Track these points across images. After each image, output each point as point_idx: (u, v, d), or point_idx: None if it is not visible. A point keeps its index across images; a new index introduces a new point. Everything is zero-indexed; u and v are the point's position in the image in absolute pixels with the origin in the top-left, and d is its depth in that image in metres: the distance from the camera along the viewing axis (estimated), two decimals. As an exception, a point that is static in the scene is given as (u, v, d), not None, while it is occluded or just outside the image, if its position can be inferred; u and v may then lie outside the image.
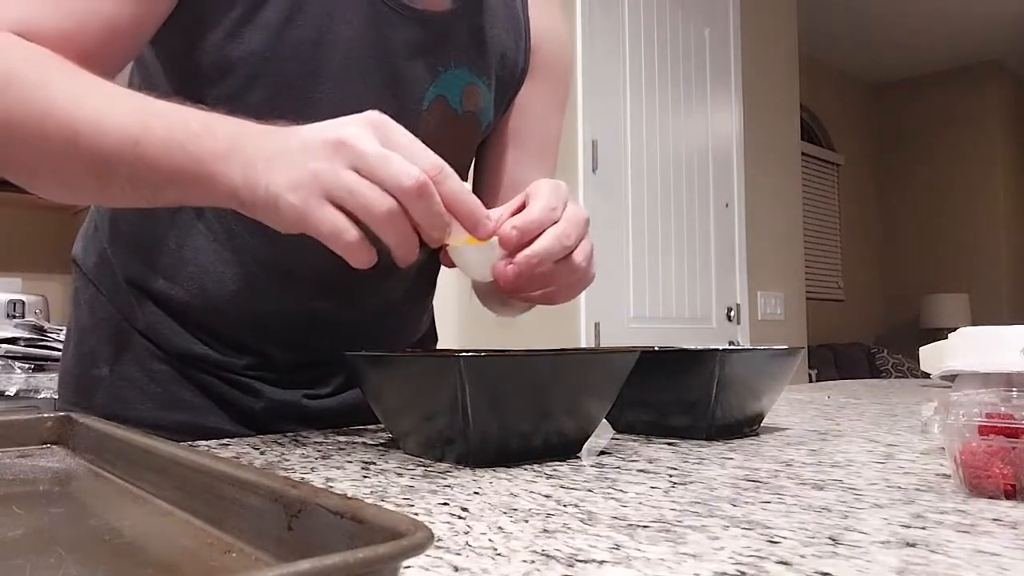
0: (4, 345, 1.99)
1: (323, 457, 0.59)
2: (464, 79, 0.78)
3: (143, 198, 0.59)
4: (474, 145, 0.85)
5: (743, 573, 0.30)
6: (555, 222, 0.59)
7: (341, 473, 0.52)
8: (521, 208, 0.60)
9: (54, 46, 0.59)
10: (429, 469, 0.53)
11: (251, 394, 0.78)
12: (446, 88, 0.77)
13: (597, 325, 2.61)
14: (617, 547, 0.34)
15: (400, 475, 0.51)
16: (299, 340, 0.79)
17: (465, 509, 0.42)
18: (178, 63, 0.71)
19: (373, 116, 0.53)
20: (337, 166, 0.50)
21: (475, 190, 0.90)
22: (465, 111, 0.79)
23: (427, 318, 0.95)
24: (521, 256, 0.57)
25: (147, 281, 0.77)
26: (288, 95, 0.70)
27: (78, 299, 0.83)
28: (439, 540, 0.36)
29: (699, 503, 0.42)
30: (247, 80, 0.69)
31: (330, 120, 0.53)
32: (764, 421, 0.74)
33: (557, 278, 0.61)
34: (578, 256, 0.61)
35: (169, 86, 0.72)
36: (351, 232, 0.50)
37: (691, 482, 0.48)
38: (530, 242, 0.58)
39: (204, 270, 0.75)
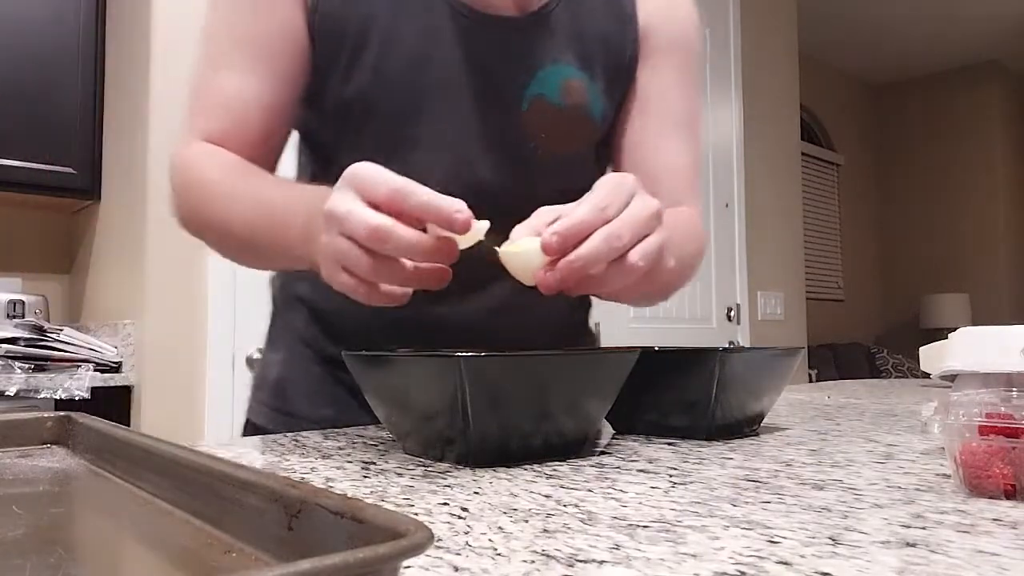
0: (4, 345, 2.00)
1: (323, 457, 0.59)
2: (562, 74, 0.79)
3: (283, 266, 0.78)
4: (590, 137, 0.84)
5: (743, 573, 0.30)
6: (607, 221, 0.55)
7: (341, 473, 0.52)
8: None
9: (233, 142, 0.76)
10: (429, 469, 0.53)
11: None
12: (543, 86, 0.78)
13: (597, 325, 2.61)
14: (617, 547, 0.34)
15: (400, 475, 0.51)
16: (416, 344, 0.79)
17: (465, 509, 0.42)
18: (312, 111, 0.82)
19: (348, 171, 0.57)
20: (333, 236, 0.56)
21: None
22: (568, 105, 0.80)
23: (558, 315, 0.91)
24: (563, 262, 0.55)
25: (299, 290, 0.88)
26: (394, 122, 0.77)
27: (270, 317, 0.98)
28: (439, 540, 0.36)
29: (699, 503, 0.42)
30: (362, 116, 0.78)
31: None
32: (764, 421, 0.74)
33: (611, 280, 0.57)
34: (633, 256, 0.56)
35: (314, 130, 0.84)
36: (360, 290, 0.57)
37: (691, 482, 0.48)
38: (577, 245, 0.55)
39: None
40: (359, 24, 0.76)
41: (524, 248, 0.56)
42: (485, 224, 0.56)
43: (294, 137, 0.86)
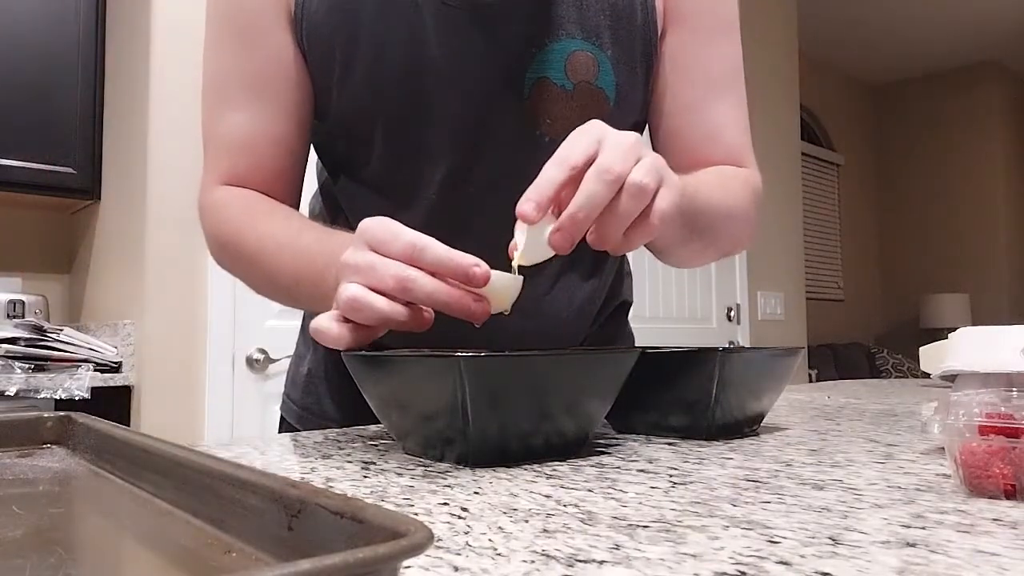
0: (4, 345, 2.00)
1: (323, 457, 0.59)
2: (564, 50, 0.75)
3: (319, 311, 0.77)
4: (606, 116, 0.76)
5: (743, 573, 0.30)
6: (573, 168, 0.54)
7: (341, 473, 0.52)
8: None
9: (252, 180, 0.78)
10: (429, 469, 0.53)
11: None
12: (544, 68, 0.74)
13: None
14: (617, 547, 0.34)
15: (400, 475, 0.51)
16: (436, 344, 0.78)
17: (465, 509, 0.42)
18: (319, 136, 0.82)
19: (361, 227, 0.57)
20: (344, 286, 0.56)
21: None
22: (577, 83, 0.75)
23: (580, 314, 0.87)
24: (564, 217, 0.53)
25: None
26: (394, 129, 0.76)
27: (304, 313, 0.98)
28: (439, 540, 0.36)
29: (699, 503, 0.42)
30: (362, 126, 0.77)
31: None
32: (764, 421, 0.74)
33: (630, 212, 0.54)
34: (636, 176, 0.53)
35: (321, 143, 0.84)
36: (343, 342, 0.57)
37: (691, 482, 0.48)
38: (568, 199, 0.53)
39: None
40: (346, 31, 0.74)
41: (522, 239, 0.56)
42: (517, 281, 0.56)
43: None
